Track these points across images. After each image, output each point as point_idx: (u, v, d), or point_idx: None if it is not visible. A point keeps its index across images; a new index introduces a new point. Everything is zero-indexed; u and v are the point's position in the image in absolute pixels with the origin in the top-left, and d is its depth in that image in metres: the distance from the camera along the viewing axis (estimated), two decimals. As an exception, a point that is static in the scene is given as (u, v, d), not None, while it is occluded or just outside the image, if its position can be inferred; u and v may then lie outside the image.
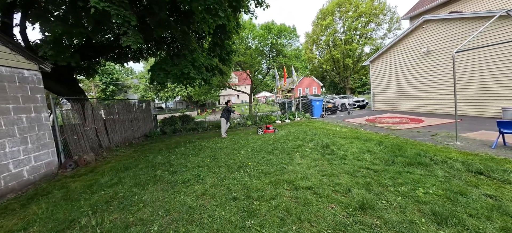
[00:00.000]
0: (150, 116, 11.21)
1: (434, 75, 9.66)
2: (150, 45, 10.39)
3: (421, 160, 4.07)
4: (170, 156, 6.09)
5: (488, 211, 2.38)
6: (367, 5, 22.24)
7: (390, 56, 12.08)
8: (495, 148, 4.53)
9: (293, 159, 4.93)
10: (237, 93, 55.16)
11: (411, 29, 10.51)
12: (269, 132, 8.51)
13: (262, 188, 3.54)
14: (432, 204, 2.58)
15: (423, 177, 3.39)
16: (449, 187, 2.98)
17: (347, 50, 23.00)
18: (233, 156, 5.62)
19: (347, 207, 2.75)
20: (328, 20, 22.90)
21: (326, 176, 3.83)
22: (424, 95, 10.26)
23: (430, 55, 9.69)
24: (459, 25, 8.49)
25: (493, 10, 8.87)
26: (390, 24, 23.17)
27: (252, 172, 4.33)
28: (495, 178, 3.17)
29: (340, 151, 5.22)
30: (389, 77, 12.33)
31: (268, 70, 22.34)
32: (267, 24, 18.08)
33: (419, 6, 14.24)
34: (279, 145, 6.38)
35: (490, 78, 7.69)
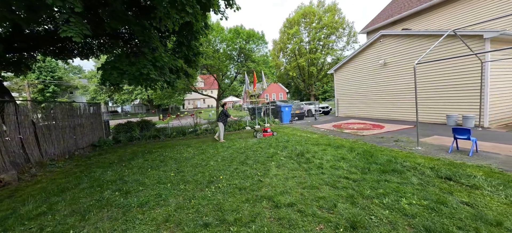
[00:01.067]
0: (100, 122, 9.61)
1: (391, 85, 10.62)
2: (103, 41, 8.96)
3: (394, 167, 4.13)
4: (123, 171, 5.10)
5: (473, 221, 2.36)
6: (329, 18, 23.93)
7: (352, 66, 12.94)
8: (451, 152, 4.94)
9: (269, 170, 4.55)
10: (203, 98, 53.26)
11: (370, 42, 11.43)
12: (267, 135, 8.40)
13: (239, 207, 3.05)
14: (421, 218, 2.48)
15: (401, 186, 3.36)
16: (428, 196, 2.98)
17: (312, 59, 24.27)
18: (201, 168, 4.97)
19: (337, 227, 2.46)
20: (294, 29, 23.84)
21: (307, 188, 3.54)
22: (382, 103, 11.18)
23: (387, 66, 10.64)
24: (410, 41, 9.50)
25: (432, 29, 10.27)
26: (348, 37, 25.37)
27: (225, 187, 3.79)
28: (463, 183, 3.32)
29: (315, 159, 5.06)
30: (351, 85, 13.18)
31: (237, 75, 22.01)
32: (236, 28, 17.75)
33: (374, 22, 15.77)
34: (252, 154, 5.96)
35: (436, 89, 8.72)
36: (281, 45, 25.27)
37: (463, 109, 7.89)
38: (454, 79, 8.13)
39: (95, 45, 9.05)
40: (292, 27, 24.02)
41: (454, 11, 10.85)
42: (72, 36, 4.23)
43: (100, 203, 3.48)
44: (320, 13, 24.17)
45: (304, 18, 24.67)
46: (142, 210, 3.17)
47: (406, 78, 9.83)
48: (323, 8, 24.61)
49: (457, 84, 8.05)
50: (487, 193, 2.98)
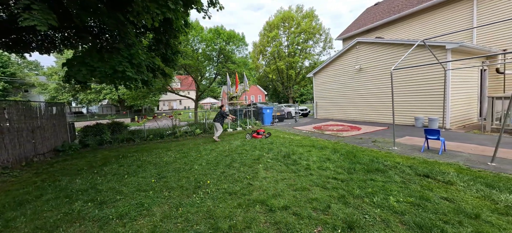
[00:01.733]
0: (64, 124, 8.62)
1: (366, 89, 11.30)
2: (68, 34, 8.07)
3: (377, 166, 4.33)
4: (95, 179, 4.59)
5: (455, 215, 2.54)
6: (307, 24, 24.80)
7: (330, 70, 13.51)
8: (423, 151, 5.36)
9: (258, 173, 4.46)
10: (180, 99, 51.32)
11: (347, 49, 12.06)
12: (259, 137, 8.22)
13: (231, 214, 2.90)
14: (410, 215, 2.60)
15: (386, 184, 3.52)
16: (412, 193, 3.15)
17: (291, 62, 24.87)
18: (185, 173, 4.69)
19: (334, 228, 2.46)
20: (274, 32, 24.23)
21: (298, 190, 3.53)
22: (358, 105, 11.83)
23: (362, 71, 11.30)
24: (383, 49, 10.22)
25: (401, 38, 11.23)
26: (325, 43, 26.54)
27: (214, 192, 3.61)
28: (439, 180, 3.59)
29: (302, 161, 5.10)
30: (329, 88, 13.74)
31: (216, 76, 21.59)
32: (216, 29, 17.42)
33: (350, 30, 16.71)
34: (237, 156, 5.82)
35: (406, 93, 9.48)
36: (261, 48, 25.50)
37: (429, 112, 8.69)
38: (421, 85, 8.92)
39: (58, 39, 8.12)
40: (272, 30, 24.42)
41: (419, 23, 11.97)
42: (36, 25, 3.69)
43: (70, 217, 3.05)
44: (299, 18, 24.96)
45: (284, 23, 25.25)
46: (123, 222, 2.85)
47: (379, 83, 10.53)
48: (301, 14, 25.46)
49: (424, 89, 8.84)
50: (461, 188, 3.26)
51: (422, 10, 11.88)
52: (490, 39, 9.66)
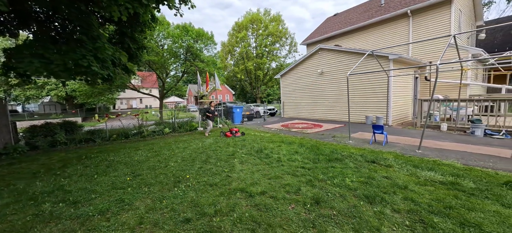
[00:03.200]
0: (6, 123, 7.49)
1: (327, 91, 12.57)
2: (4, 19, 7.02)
3: (336, 156, 5.11)
4: (59, 180, 4.30)
5: (391, 187, 3.32)
6: (274, 28, 25.92)
7: (296, 72, 14.56)
8: (371, 143, 6.43)
9: (234, 166, 4.80)
10: (140, 97, 47.72)
11: (311, 54, 13.21)
12: (229, 136, 8.29)
13: (215, 201, 3.19)
14: (360, 190, 3.29)
15: (343, 169, 4.25)
16: (362, 175, 3.92)
17: (259, 63, 25.65)
18: (161, 170, 4.74)
19: (304, 204, 2.98)
20: (243, 33, 24.64)
21: (272, 178, 3.99)
22: (320, 105, 13.07)
23: (324, 75, 12.55)
24: (341, 56, 11.57)
25: (355, 48, 12.91)
26: (290, 46, 28.12)
27: (195, 185, 3.82)
28: (382, 164, 4.49)
29: (273, 154, 5.61)
30: (295, 89, 14.79)
31: (183, 74, 20.94)
32: (184, 25, 16.97)
33: (312, 36, 18.19)
34: (212, 153, 6.04)
35: (359, 95, 10.93)
36: (230, 47, 25.66)
37: (376, 112, 10.23)
38: (370, 88, 10.43)
39: (3, 24, 7.05)
40: (241, 31, 24.81)
41: (370, 34, 13.88)
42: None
43: (42, 218, 2.92)
44: (267, 21, 25.92)
45: (252, 24, 25.90)
46: (105, 217, 2.88)
47: (338, 86, 11.87)
48: (269, 17, 26.48)
49: (373, 92, 10.36)
50: (396, 169, 4.17)
51: (371, 24, 13.78)
52: (421, 53, 11.85)
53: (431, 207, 2.77)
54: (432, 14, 11.34)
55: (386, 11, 13.36)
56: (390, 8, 13.48)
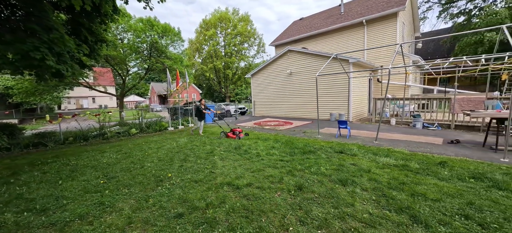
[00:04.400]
0: None
1: (296, 90, 13.36)
2: None
3: (309, 149, 5.62)
4: (14, 189, 3.78)
5: (358, 171, 3.88)
6: (243, 28, 26.14)
7: (266, 72, 15.06)
8: (337, 137, 7.20)
9: (215, 163, 4.88)
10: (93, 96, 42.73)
11: (280, 54, 13.84)
12: (234, 138, 7.36)
13: (204, 196, 3.28)
14: (334, 175, 3.76)
15: (317, 160, 4.74)
16: (334, 163, 4.44)
17: (228, 62, 25.56)
18: (138, 171, 4.54)
19: (289, 191, 3.29)
20: (211, 31, 24.22)
21: (255, 172, 4.22)
22: (290, 104, 13.81)
23: (293, 75, 13.31)
24: (307, 58, 12.44)
25: (320, 51, 14.05)
26: (258, 47, 28.74)
27: (179, 183, 3.81)
28: (348, 153, 5.13)
29: (252, 150, 5.85)
30: (266, 89, 15.29)
31: (147, 71, 19.58)
32: (149, 19, 15.91)
33: (281, 38, 19.01)
34: (190, 152, 5.98)
35: (325, 94, 11.93)
36: (198, 45, 24.91)
37: (339, 109, 11.34)
38: (334, 88, 11.51)
39: None
40: (209, 29, 24.32)
41: (333, 39, 15.22)
42: None
43: (6, 230, 2.60)
44: (235, 21, 25.98)
45: (221, 23, 25.64)
46: (87, 221, 2.72)
47: (306, 85, 12.73)
48: (237, 17, 26.55)
49: (336, 91, 11.45)
50: (360, 157, 4.83)
51: (333, 30, 15.14)
52: (375, 58, 13.52)
53: (390, 184, 3.37)
54: (382, 25, 13.07)
55: (345, 19, 14.85)
56: (348, 16, 15.02)
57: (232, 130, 7.80)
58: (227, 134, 7.70)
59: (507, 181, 3.38)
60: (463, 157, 4.83)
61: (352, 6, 16.54)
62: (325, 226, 2.44)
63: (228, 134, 7.70)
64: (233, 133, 7.63)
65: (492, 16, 15.11)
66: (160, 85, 44.45)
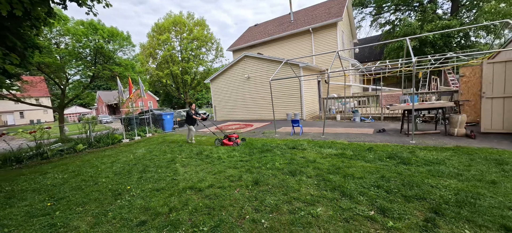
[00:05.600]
0: None
1: (254, 93, 14.00)
2: None
3: (267, 148, 6.17)
4: None
5: (306, 163, 4.55)
6: (199, 32, 25.81)
7: (225, 77, 15.34)
8: (292, 135, 7.99)
9: (177, 170, 4.98)
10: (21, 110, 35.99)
11: (238, 60, 14.33)
12: (230, 144, 6.92)
13: (167, 202, 3.43)
14: (286, 168, 4.34)
15: (273, 157, 5.30)
16: (287, 158, 5.06)
17: (185, 67, 24.83)
18: (91, 188, 4.34)
19: (247, 186, 3.70)
20: (165, 36, 23.20)
21: (217, 174, 4.52)
22: (250, 107, 14.38)
23: (251, 79, 13.93)
24: (263, 63, 13.24)
25: (274, 56, 15.10)
26: (216, 51, 28.75)
27: (140, 193, 3.85)
28: (299, 148, 5.86)
29: (213, 154, 6.10)
30: (225, 93, 15.56)
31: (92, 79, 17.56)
32: (91, 22, 14.44)
33: (238, 43, 19.55)
34: (149, 162, 5.89)
35: (280, 96, 12.87)
36: (151, 50, 23.43)
37: (294, 109, 12.41)
38: (288, 90, 12.54)
39: None
40: (163, 33, 23.18)
41: (285, 45, 16.45)
42: None
43: None
44: (191, 25, 25.44)
45: (175, 27, 24.75)
46: (38, 244, 2.61)
47: (263, 89, 13.50)
48: (193, 21, 26.05)
49: (290, 93, 12.51)
50: (309, 150, 5.59)
51: (285, 37, 16.40)
52: (322, 62, 15.19)
53: (329, 170, 4.10)
54: (326, 33, 14.84)
55: (295, 27, 16.29)
56: (297, 24, 16.51)
57: (227, 136, 7.27)
58: (222, 141, 7.20)
59: (410, 157, 4.48)
60: (386, 142, 6.06)
61: (300, 15, 18.21)
62: (276, 210, 2.92)
63: (224, 141, 7.19)
64: (229, 139, 7.13)
65: (407, 26, 18.64)
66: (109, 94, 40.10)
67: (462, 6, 19.76)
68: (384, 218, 2.53)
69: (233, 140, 7.05)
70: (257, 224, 2.64)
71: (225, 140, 7.16)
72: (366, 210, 2.73)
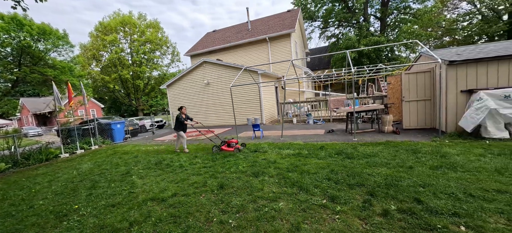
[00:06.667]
0: None
1: (214, 99, 13.92)
2: None
3: (229, 152, 6.30)
4: None
5: (268, 164, 4.87)
6: (153, 35, 24.20)
7: (184, 82, 14.81)
8: (253, 139, 8.31)
9: (134, 183, 4.67)
10: None
11: (197, 65, 14.05)
12: (230, 150, 6.41)
13: (126, 216, 3.23)
14: (250, 170, 4.57)
15: (236, 160, 5.46)
16: (250, 161, 5.29)
17: (137, 71, 22.83)
18: (25, 212, 3.72)
19: (212, 191, 3.77)
20: (112, 36, 20.96)
21: (180, 182, 4.43)
22: (211, 112, 14.19)
23: (211, 85, 13.82)
24: (223, 69, 13.34)
25: (235, 62, 15.39)
26: (173, 56, 27.40)
27: (92, 211, 3.50)
28: (261, 151, 6.18)
29: (175, 163, 5.89)
30: (184, 99, 14.99)
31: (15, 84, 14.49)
32: (14, 16, 12.06)
33: (196, 48, 19.16)
34: (98, 177, 5.32)
35: (241, 102, 13.15)
36: (94, 52, 20.63)
37: (254, 114, 12.85)
38: (249, 96, 12.94)
39: None
40: (109, 34, 20.78)
41: (244, 52, 16.90)
42: None
43: None
44: (142, 26, 23.60)
45: (124, 28, 22.56)
46: None
47: (223, 94, 13.56)
48: (145, 22, 24.22)
49: (250, 99, 12.92)
50: (270, 153, 5.96)
51: (243, 44, 16.89)
52: (278, 69, 16.18)
53: (288, 168, 4.51)
54: (281, 42, 15.93)
55: (252, 35, 16.97)
56: (255, 33, 17.24)
57: (226, 141, 6.71)
58: (221, 148, 6.66)
59: (353, 152, 5.27)
60: (334, 141, 6.91)
61: (257, 24, 19.06)
62: (242, 210, 3.09)
63: (222, 147, 6.65)
64: (229, 145, 6.58)
65: (348, 40, 21.54)
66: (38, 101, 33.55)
67: (388, 26, 23.92)
68: (334, 204, 2.98)
69: (233, 145, 6.53)
70: (224, 224, 2.76)
71: (224, 146, 6.64)
72: (320, 199, 3.15)
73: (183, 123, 7.32)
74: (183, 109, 7.43)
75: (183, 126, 7.38)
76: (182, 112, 7.33)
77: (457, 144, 5.36)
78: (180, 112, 7.34)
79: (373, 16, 24.71)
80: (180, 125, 7.31)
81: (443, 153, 4.70)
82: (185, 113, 7.40)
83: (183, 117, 7.26)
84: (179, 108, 7.47)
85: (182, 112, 7.33)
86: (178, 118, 7.28)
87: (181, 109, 7.39)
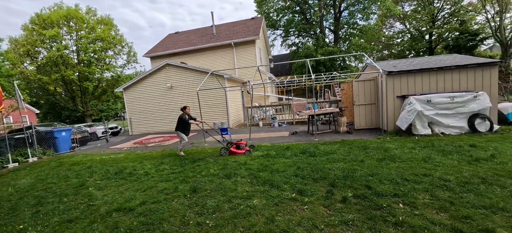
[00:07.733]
0: None
1: (178, 103, 13.33)
2: None
3: (198, 157, 6.24)
4: None
5: (239, 166, 5.02)
6: (105, 32, 21.87)
7: (143, 86, 13.80)
8: (222, 142, 8.33)
9: (92, 195, 4.25)
10: None
11: (158, 68, 13.30)
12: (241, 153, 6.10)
13: (88, 231, 2.96)
14: (221, 173, 4.64)
15: (207, 165, 5.45)
16: (220, 164, 5.35)
17: (85, 72, 20.23)
18: None
19: (185, 195, 3.73)
20: (53, 31, 18.16)
21: (147, 190, 4.22)
22: (174, 118, 13.51)
23: (174, 89, 13.25)
24: (188, 72, 12.97)
25: (200, 66, 15.09)
26: (129, 56, 25.16)
27: (43, 230, 3.10)
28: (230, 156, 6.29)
29: (138, 171, 5.54)
30: (144, 104, 13.97)
31: None
32: None
33: (156, 50, 18.12)
34: (44, 193, 4.67)
35: (208, 106, 12.94)
36: (29, 47, 17.36)
37: (221, 118, 12.81)
38: (215, 100, 12.85)
39: None
40: (49, 28, 17.83)
41: (210, 55, 16.74)
42: None
43: None
44: (92, 22, 21.08)
45: (69, 22, 19.76)
46: None
47: (189, 99, 13.14)
48: (95, 18, 21.69)
49: (217, 103, 12.85)
50: (240, 155, 6.11)
51: (208, 48, 16.74)
52: (244, 74, 16.50)
53: (259, 168, 4.74)
54: (246, 48, 16.35)
55: (218, 39, 16.98)
56: (220, 37, 17.28)
57: (235, 143, 6.30)
58: (230, 150, 6.21)
59: (315, 151, 5.82)
60: (298, 141, 7.48)
61: (222, 29, 19.15)
62: (218, 210, 3.17)
63: (231, 149, 6.22)
64: (238, 147, 6.19)
65: (307, 49, 23.34)
66: None
67: (340, 38, 26.79)
68: (302, 197, 3.32)
69: (242, 147, 6.22)
70: (202, 226, 2.81)
71: (232, 148, 6.27)
72: (290, 194, 3.46)
73: (187, 123, 7.00)
74: (187, 109, 7.15)
75: (187, 127, 7.09)
76: (186, 112, 7.05)
77: (396, 140, 6.44)
78: (184, 112, 7.04)
79: (328, 29, 27.38)
80: (184, 126, 6.99)
81: (386, 148, 5.60)
82: (188, 113, 7.15)
83: (186, 117, 6.94)
84: (182, 108, 7.15)
85: (185, 112, 7.05)
86: (181, 118, 6.91)
87: (185, 109, 7.09)
